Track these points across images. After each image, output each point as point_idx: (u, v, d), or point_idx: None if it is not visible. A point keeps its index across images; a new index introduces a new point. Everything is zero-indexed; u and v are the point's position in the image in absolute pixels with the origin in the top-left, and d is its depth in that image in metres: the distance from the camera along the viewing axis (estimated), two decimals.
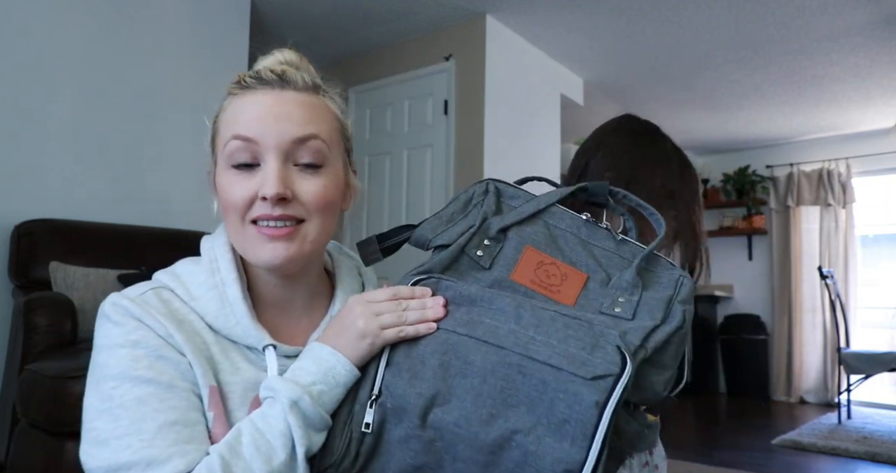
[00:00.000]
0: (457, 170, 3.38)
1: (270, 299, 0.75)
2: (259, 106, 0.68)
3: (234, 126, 0.68)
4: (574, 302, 0.68)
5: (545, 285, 0.69)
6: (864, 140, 5.29)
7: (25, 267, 2.19)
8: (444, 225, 0.74)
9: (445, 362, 0.61)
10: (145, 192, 2.69)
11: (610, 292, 0.68)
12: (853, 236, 5.30)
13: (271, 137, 0.67)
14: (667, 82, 4.21)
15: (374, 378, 0.63)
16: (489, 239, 0.71)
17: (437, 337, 0.62)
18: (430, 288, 0.66)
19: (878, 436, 3.74)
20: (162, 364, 0.63)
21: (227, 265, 0.71)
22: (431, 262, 0.69)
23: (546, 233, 0.73)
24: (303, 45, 0.71)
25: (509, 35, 3.56)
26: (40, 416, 1.64)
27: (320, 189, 0.69)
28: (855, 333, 5.00)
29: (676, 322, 0.66)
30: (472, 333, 0.61)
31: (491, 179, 0.80)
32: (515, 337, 0.60)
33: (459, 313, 0.64)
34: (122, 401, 0.61)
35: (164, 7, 2.82)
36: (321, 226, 0.71)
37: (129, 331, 0.64)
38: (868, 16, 3.20)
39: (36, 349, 1.86)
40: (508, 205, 0.76)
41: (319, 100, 0.72)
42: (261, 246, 0.68)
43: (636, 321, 0.65)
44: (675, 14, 3.25)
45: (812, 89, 4.26)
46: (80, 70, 2.52)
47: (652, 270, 0.71)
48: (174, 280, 0.71)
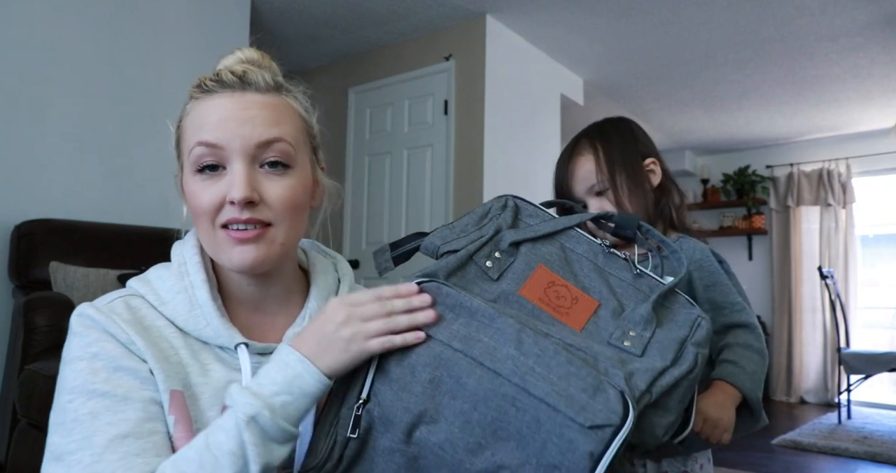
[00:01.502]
0: (457, 170, 3.38)
1: (243, 298, 0.75)
2: (221, 110, 0.68)
3: (198, 132, 0.68)
4: (582, 327, 0.65)
5: (554, 305, 0.66)
6: (864, 140, 5.29)
7: (25, 267, 2.19)
8: (456, 235, 0.72)
9: (437, 378, 0.58)
10: (145, 192, 2.69)
11: (621, 324, 0.65)
12: (853, 236, 5.30)
13: (235, 142, 0.67)
14: (667, 82, 4.21)
15: (363, 382, 0.61)
16: (500, 252, 0.69)
17: (430, 348, 0.59)
18: (430, 292, 0.62)
19: (878, 436, 3.74)
20: (119, 375, 0.63)
21: (195, 268, 0.72)
22: (437, 265, 0.67)
23: (561, 255, 0.71)
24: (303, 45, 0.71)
25: (509, 35, 3.56)
26: (40, 416, 1.64)
27: (287, 191, 0.70)
28: (855, 333, 5.00)
29: (687, 365, 0.63)
30: (468, 351, 0.58)
31: (511, 195, 0.78)
32: (514, 364, 0.56)
33: (457, 325, 0.60)
34: (76, 415, 0.61)
35: (164, 7, 2.82)
36: (289, 227, 0.71)
37: (89, 343, 0.65)
38: (868, 16, 3.20)
39: (36, 349, 1.86)
40: (525, 223, 0.75)
41: (282, 101, 0.73)
42: (230, 250, 0.68)
43: (645, 359, 0.62)
44: (675, 14, 3.25)
45: (812, 89, 4.26)
46: (80, 70, 2.52)
47: (668, 307, 0.68)
48: (145, 286, 0.72)
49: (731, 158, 5.94)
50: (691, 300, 0.70)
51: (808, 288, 5.40)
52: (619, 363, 0.59)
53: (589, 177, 1.13)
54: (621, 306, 0.67)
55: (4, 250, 2.26)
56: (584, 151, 1.15)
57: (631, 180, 1.12)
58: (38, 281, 2.18)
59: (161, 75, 2.78)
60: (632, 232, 0.75)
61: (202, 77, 0.71)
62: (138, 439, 0.61)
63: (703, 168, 6.02)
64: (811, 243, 5.46)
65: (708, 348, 0.66)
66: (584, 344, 0.61)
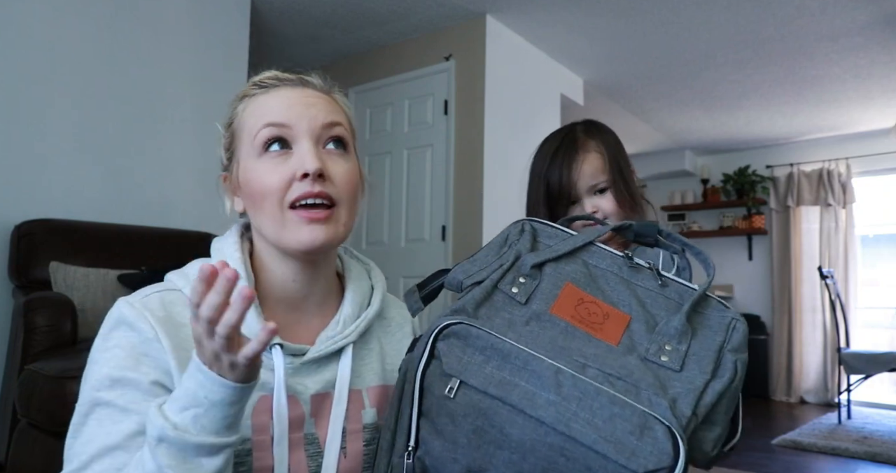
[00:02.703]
0: (457, 170, 3.38)
1: (282, 297, 0.75)
2: (286, 98, 0.72)
3: (264, 117, 0.71)
4: (618, 341, 0.64)
5: (587, 322, 0.65)
6: (864, 140, 5.29)
7: (25, 267, 2.19)
8: (478, 267, 0.72)
9: (479, 428, 0.57)
10: (145, 192, 2.69)
11: (656, 338, 0.64)
12: (853, 236, 5.30)
13: (303, 121, 0.71)
14: (667, 82, 4.21)
15: (409, 429, 0.60)
16: (524, 276, 0.68)
17: (467, 396, 0.57)
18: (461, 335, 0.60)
19: (878, 436, 3.74)
20: (122, 386, 0.64)
21: (235, 264, 0.72)
22: (464, 299, 0.66)
23: (585, 271, 0.70)
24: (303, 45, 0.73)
25: (509, 35, 3.56)
26: (40, 416, 1.64)
27: (350, 170, 0.73)
28: (855, 333, 5.00)
29: (728, 376, 0.62)
30: (507, 398, 0.56)
31: (528, 219, 0.77)
32: (556, 410, 0.54)
33: (490, 367, 0.58)
34: (84, 420, 0.64)
35: (164, 7, 2.82)
36: (350, 210, 0.73)
37: (106, 348, 0.66)
38: (868, 16, 3.20)
39: (36, 349, 1.86)
40: (545, 244, 0.74)
41: (334, 100, 0.78)
42: (300, 229, 0.69)
43: (684, 373, 0.61)
44: (675, 14, 3.25)
45: (812, 89, 4.26)
46: (80, 70, 2.52)
47: (701, 312, 0.67)
48: (183, 279, 0.72)
49: (731, 158, 5.94)
50: (724, 302, 0.69)
51: (808, 288, 5.40)
52: (661, 388, 0.58)
53: (597, 175, 1.14)
54: (653, 318, 0.66)
55: (4, 250, 2.26)
56: (594, 149, 1.16)
57: (628, 180, 1.15)
58: (38, 281, 2.18)
59: (161, 75, 2.78)
60: (653, 238, 0.74)
61: (256, 79, 0.75)
62: (126, 452, 0.61)
63: (703, 168, 6.02)
64: (811, 243, 5.46)
65: (746, 352, 0.65)
66: (623, 367, 0.59)
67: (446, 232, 3.37)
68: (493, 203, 3.33)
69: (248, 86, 0.75)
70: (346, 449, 0.72)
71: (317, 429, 0.71)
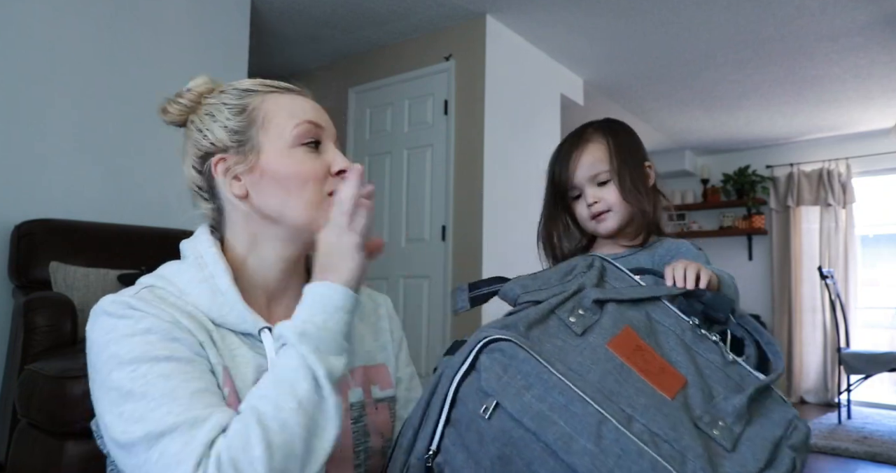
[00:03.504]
0: (457, 170, 3.38)
1: (263, 285, 0.78)
2: (308, 103, 0.80)
3: (303, 114, 0.78)
4: (673, 396, 0.60)
5: (642, 368, 0.61)
6: (864, 140, 5.29)
7: (25, 267, 2.19)
8: (538, 286, 0.70)
9: (506, 456, 0.54)
10: (145, 192, 2.69)
11: (711, 410, 0.60)
12: (853, 236, 5.30)
13: (330, 127, 0.81)
14: (667, 82, 4.21)
15: (433, 433, 0.59)
16: (584, 309, 0.66)
17: (500, 421, 0.55)
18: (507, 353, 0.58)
19: (878, 436, 3.74)
20: (176, 344, 0.65)
21: (213, 259, 0.74)
22: (518, 316, 0.63)
23: (647, 323, 0.67)
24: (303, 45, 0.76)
25: (509, 35, 3.56)
26: (40, 416, 1.64)
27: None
28: (855, 333, 5.00)
29: (784, 470, 0.57)
30: (542, 434, 0.53)
31: (599, 256, 0.76)
32: (591, 461, 0.51)
33: (529, 396, 0.55)
34: (146, 380, 0.61)
35: (164, 7, 2.82)
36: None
37: (136, 321, 0.65)
38: (868, 16, 3.20)
39: (36, 349, 1.86)
40: (611, 285, 0.72)
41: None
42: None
43: (736, 456, 0.57)
44: (675, 14, 3.25)
45: (812, 89, 4.26)
46: (80, 70, 2.52)
47: (761, 402, 0.64)
48: (160, 280, 0.73)
49: (731, 158, 5.94)
50: (786, 398, 0.66)
51: (808, 288, 5.40)
52: (709, 463, 0.54)
53: (597, 165, 1.14)
54: (710, 389, 0.62)
55: (4, 250, 2.26)
56: (596, 139, 1.16)
57: (635, 175, 1.15)
58: (38, 281, 2.18)
59: (161, 75, 2.78)
60: (724, 314, 0.71)
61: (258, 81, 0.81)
62: (214, 394, 0.64)
63: (703, 168, 6.02)
64: (811, 243, 5.46)
65: (807, 455, 0.62)
66: (674, 429, 0.55)
67: (446, 232, 3.37)
68: (493, 203, 3.33)
69: (256, 81, 0.81)
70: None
71: None
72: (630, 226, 1.16)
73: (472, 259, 3.25)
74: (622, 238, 1.18)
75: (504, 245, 3.36)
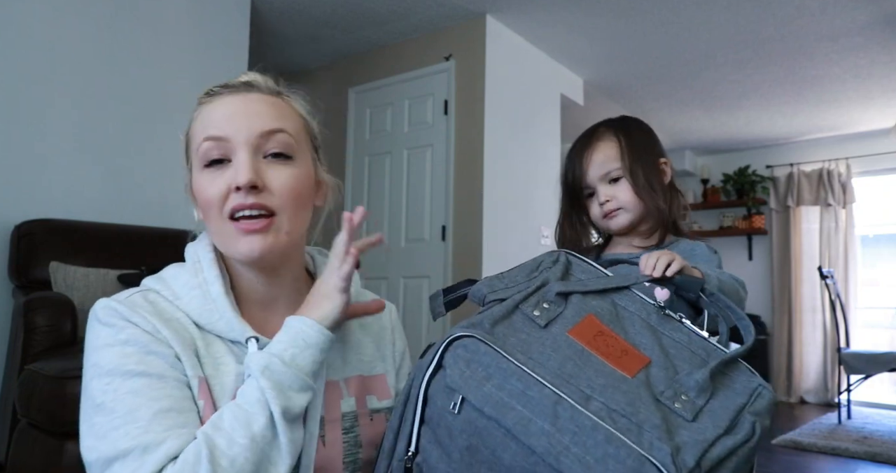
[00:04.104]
0: (457, 170, 3.38)
1: (255, 296, 0.77)
2: (227, 107, 0.73)
3: (205, 129, 0.72)
4: (633, 375, 0.62)
5: (603, 351, 0.63)
6: (864, 140, 5.29)
7: (25, 267, 2.19)
8: (505, 285, 0.72)
9: (473, 446, 0.57)
10: (145, 192, 2.69)
11: (673, 385, 0.62)
12: (853, 236, 5.30)
13: (240, 133, 0.71)
14: (667, 82, 4.21)
15: (410, 435, 0.61)
16: (547, 302, 0.68)
17: (465, 414, 0.57)
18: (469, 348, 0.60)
19: (878, 436, 3.74)
20: (151, 358, 0.65)
21: (208, 264, 0.74)
22: (483, 314, 0.66)
23: (612, 310, 0.69)
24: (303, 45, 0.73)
25: (509, 35, 3.56)
26: (40, 416, 1.64)
27: (291, 179, 0.73)
28: (855, 333, 5.00)
29: (743, 434, 0.58)
30: (502, 420, 0.55)
31: (564, 251, 0.77)
32: (548, 440, 0.53)
33: (489, 387, 0.57)
34: (115, 395, 0.63)
35: (164, 7, 2.82)
36: (293, 216, 0.73)
37: (118, 331, 0.67)
38: (868, 16, 3.20)
39: (36, 349, 1.86)
40: (576, 278, 0.74)
41: (284, 102, 0.78)
42: (238, 240, 0.71)
43: (696, 424, 0.58)
44: (675, 14, 3.25)
45: (812, 89, 4.26)
46: (80, 70, 2.52)
47: (727, 374, 0.65)
48: (159, 283, 0.75)
49: (731, 158, 5.94)
50: (752, 369, 0.67)
51: (808, 288, 5.40)
52: (667, 432, 0.55)
53: (608, 163, 1.14)
54: (674, 368, 0.64)
55: (4, 250, 2.26)
56: (607, 137, 1.16)
57: (648, 173, 1.14)
58: (38, 281, 2.18)
59: (161, 75, 2.78)
60: (695, 294, 0.74)
61: (209, 87, 0.77)
62: (180, 413, 0.63)
63: (703, 168, 6.02)
64: (811, 243, 5.46)
65: (769, 419, 0.62)
66: (631, 405, 0.57)
67: (446, 232, 3.37)
68: (493, 203, 3.33)
69: (203, 92, 0.77)
70: (325, 437, 0.74)
71: None
72: (644, 224, 1.16)
73: (472, 259, 3.25)
74: (636, 236, 1.17)
75: (504, 245, 3.36)
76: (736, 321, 0.72)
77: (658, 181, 1.15)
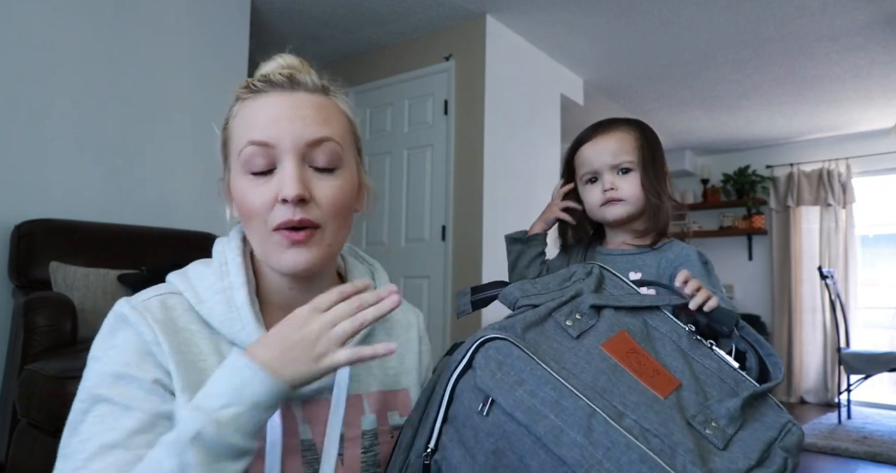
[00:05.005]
0: (457, 170, 3.38)
1: (281, 303, 0.74)
2: (272, 108, 0.68)
3: (249, 131, 0.68)
4: (666, 396, 0.61)
5: (636, 369, 0.62)
6: (864, 140, 5.29)
7: (25, 267, 2.19)
8: (538, 290, 0.71)
9: (499, 450, 0.55)
10: (145, 192, 2.69)
11: (704, 410, 0.61)
12: (853, 236, 5.30)
13: (286, 140, 0.67)
14: (667, 82, 4.21)
15: (432, 430, 0.60)
16: (580, 314, 0.67)
17: (494, 416, 0.56)
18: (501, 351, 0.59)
19: (878, 436, 3.74)
20: (125, 383, 0.63)
21: (235, 269, 0.71)
22: (515, 318, 0.65)
23: (643, 329, 0.68)
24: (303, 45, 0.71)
25: (509, 35, 3.55)
26: (40, 416, 1.64)
27: (337, 191, 0.69)
28: (855, 333, 5.00)
29: (775, 469, 0.57)
30: (533, 428, 0.54)
31: (599, 265, 0.77)
32: (581, 453, 0.52)
33: (521, 392, 0.56)
34: (83, 418, 0.63)
35: (164, 8, 2.82)
36: (337, 229, 0.71)
37: (109, 346, 0.65)
38: (868, 16, 3.20)
39: (36, 349, 1.86)
40: (609, 292, 0.73)
41: (330, 101, 0.73)
42: (283, 252, 0.68)
43: (727, 454, 0.57)
44: (675, 14, 3.25)
45: (812, 89, 4.26)
46: (80, 70, 2.52)
47: (756, 407, 0.65)
48: (184, 282, 0.71)
49: (731, 158, 5.94)
50: (780, 404, 0.67)
51: (808, 288, 5.40)
52: (700, 458, 0.54)
53: (622, 153, 1.15)
54: (704, 393, 0.63)
55: (4, 250, 2.26)
56: (626, 129, 1.18)
57: (657, 174, 1.16)
58: (38, 281, 2.18)
59: (161, 75, 2.78)
60: (729, 328, 0.73)
61: (249, 79, 0.72)
62: (127, 450, 0.59)
63: (703, 168, 6.02)
64: (811, 243, 5.46)
65: (799, 457, 0.61)
66: (664, 426, 0.56)
67: (446, 232, 3.37)
68: (493, 203, 3.33)
69: (241, 86, 0.72)
70: (344, 456, 0.71)
71: (313, 436, 0.70)
72: (639, 223, 1.17)
73: (472, 259, 3.25)
74: (630, 234, 1.19)
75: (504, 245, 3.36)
76: (764, 356, 0.71)
77: (662, 185, 1.17)
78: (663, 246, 1.15)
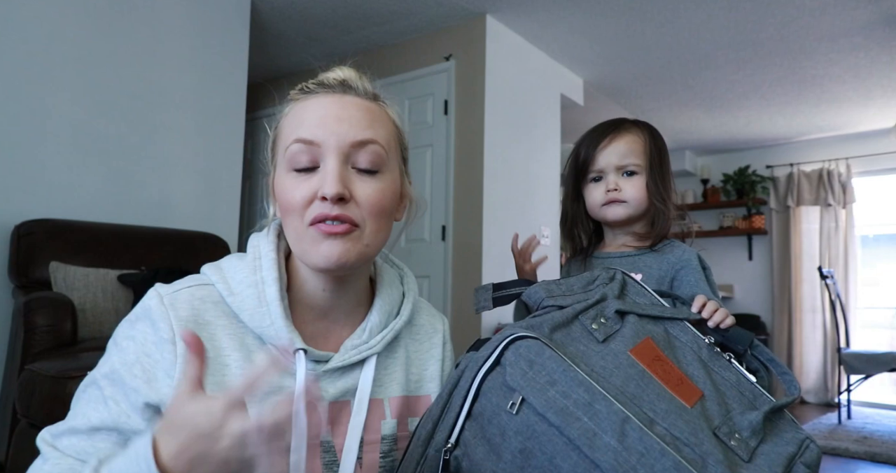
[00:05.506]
0: (457, 170, 3.38)
1: (313, 303, 0.74)
2: (321, 108, 0.69)
3: (297, 130, 0.69)
4: (692, 405, 0.61)
5: (663, 378, 0.62)
6: (864, 140, 5.29)
7: (25, 267, 2.19)
8: (563, 291, 0.71)
9: (528, 450, 0.55)
10: (145, 192, 2.69)
11: (727, 422, 0.61)
12: (853, 236, 5.30)
13: (332, 139, 0.68)
14: (667, 82, 4.21)
15: (454, 426, 0.59)
16: (606, 318, 0.67)
17: (524, 416, 0.55)
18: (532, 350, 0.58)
19: (878, 436, 3.74)
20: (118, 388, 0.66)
21: (269, 264, 0.71)
22: (542, 318, 0.64)
23: (665, 337, 0.69)
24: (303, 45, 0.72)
25: (509, 35, 3.55)
26: (40, 416, 1.64)
27: (377, 193, 0.69)
28: (855, 333, 5.00)
29: None
30: (565, 429, 0.53)
31: (621, 271, 0.77)
32: (615, 458, 0.51)
33: (553, 392, 0.55)
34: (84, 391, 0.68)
35: (164, 7, 2.82)
36: (375, 231, 0.70)
37: (128, 335, 0.67)
38: (868, 16, 3.20)
39: (36, 349, 1.86)
40: (632, 299, 0.74)
41: (379, 108, 0.74)
42: (318, 244, 0.67)
43: (752, 467, 0.57)
44: (675, 14, 3.25)
45: (812, 89, 4.26)
46: (80, 70, 2.52)
47: (773, 421, 0.65)
48: (217, 273, 0.72)
49: (731, 158, 5.94)
50: (796, 420, 0.67)
51: (808, 288, 5.40)
52: (729, 469, 0.55)
53: (630, 155, 1.14)
54: (726, 405, 0.63)
55: (4, 250, 2.26)
56: (636, 131, 1.17)
57: (665, 176, 1.16)
58: (38, 281, 2.18)
59: (161, 75, 2.78)
60: (743, 348, 0.73)
61: (304, 82, 0.74)
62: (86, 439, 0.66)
63: (703, 168, 6.02)
64: (811, 243, 5.46)
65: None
66: (694, 435, 0.56)
67: (446, 232, 3.37)
68: (493, 203, 3.33)
69: (297, 87, 0.74)
70: (363, 460, 0.71)
71: (333, 438, 0.70)
72: (639, 224, 1.17)
73: (472, 259, 3.25)
74: (630, 236, 1.19)
75: (504, 245, 3.36)
76: (779, 375, 0.72)
77: (666, 190, 1.17)
78: (663, 248, 1.15)
